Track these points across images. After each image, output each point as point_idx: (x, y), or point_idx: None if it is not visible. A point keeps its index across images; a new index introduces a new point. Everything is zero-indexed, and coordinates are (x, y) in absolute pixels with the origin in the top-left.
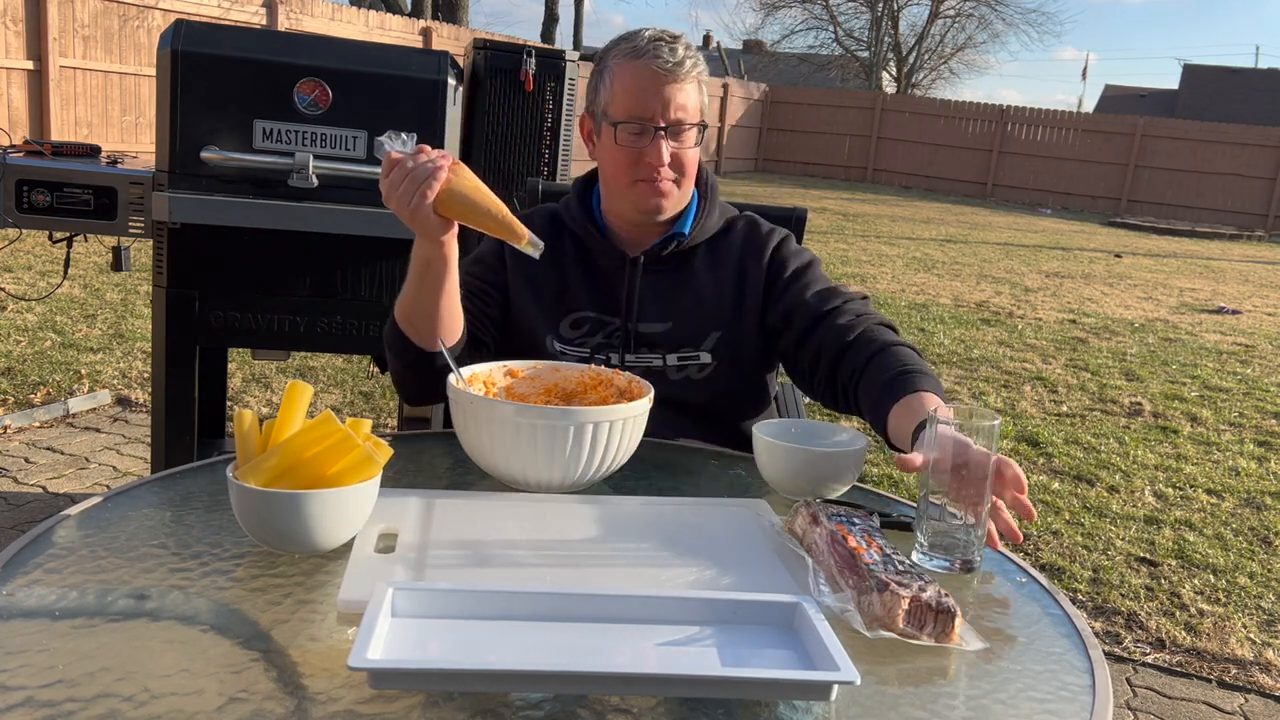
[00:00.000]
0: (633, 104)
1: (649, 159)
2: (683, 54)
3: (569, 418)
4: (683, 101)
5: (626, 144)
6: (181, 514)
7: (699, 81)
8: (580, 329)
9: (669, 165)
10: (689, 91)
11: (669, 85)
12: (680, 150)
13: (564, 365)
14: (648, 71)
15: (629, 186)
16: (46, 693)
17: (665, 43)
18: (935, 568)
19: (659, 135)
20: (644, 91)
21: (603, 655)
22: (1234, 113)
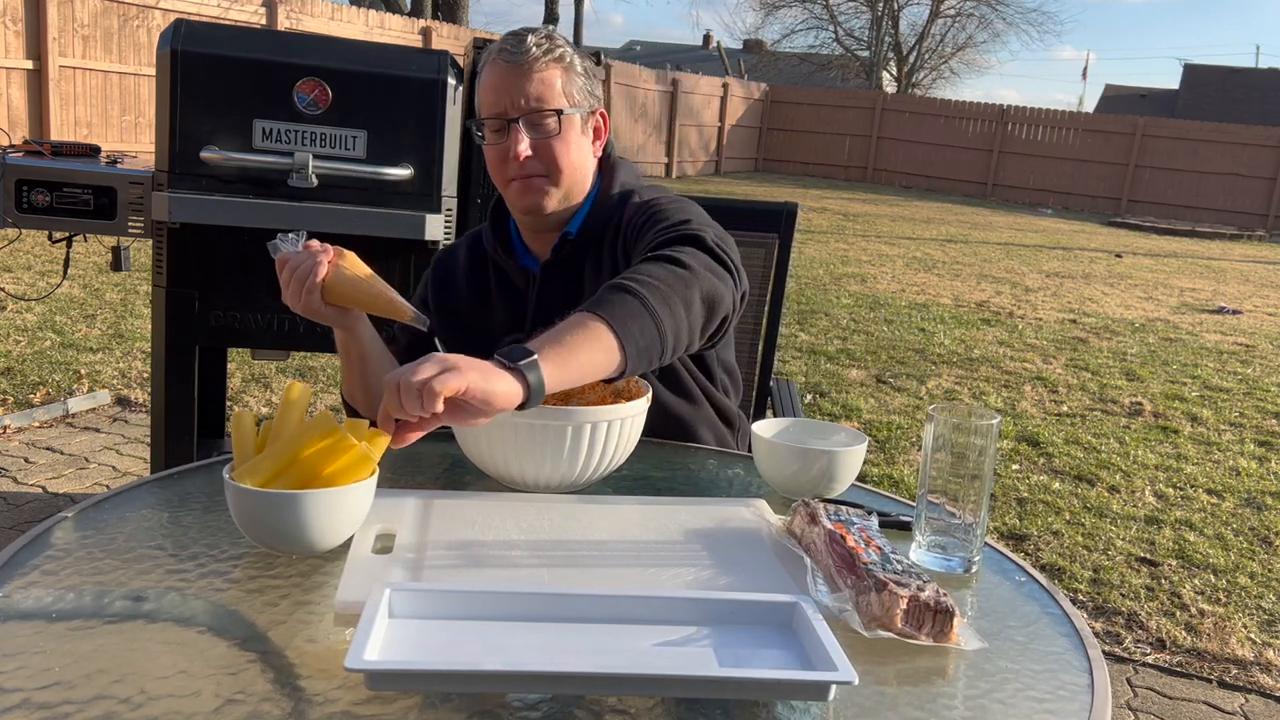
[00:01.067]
0: (489, 100)
1: (510, 152)
2: (531, 43)
3: (568, 418)
4: (535, 90)
5: (491, 141)
6: (179, 515)
7: (563, 68)
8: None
9: (534, 157)
10: (544, 79)
11: (516, 76)
12: (545, 142)
13: None
14: (497, 67)
15: (505, 186)
16: (43, 694)
17: (516, 36)
18: (934, 567)
19: (514, 127)
20: (497, 87)
21: (601, 656)
22: (1234, 113)
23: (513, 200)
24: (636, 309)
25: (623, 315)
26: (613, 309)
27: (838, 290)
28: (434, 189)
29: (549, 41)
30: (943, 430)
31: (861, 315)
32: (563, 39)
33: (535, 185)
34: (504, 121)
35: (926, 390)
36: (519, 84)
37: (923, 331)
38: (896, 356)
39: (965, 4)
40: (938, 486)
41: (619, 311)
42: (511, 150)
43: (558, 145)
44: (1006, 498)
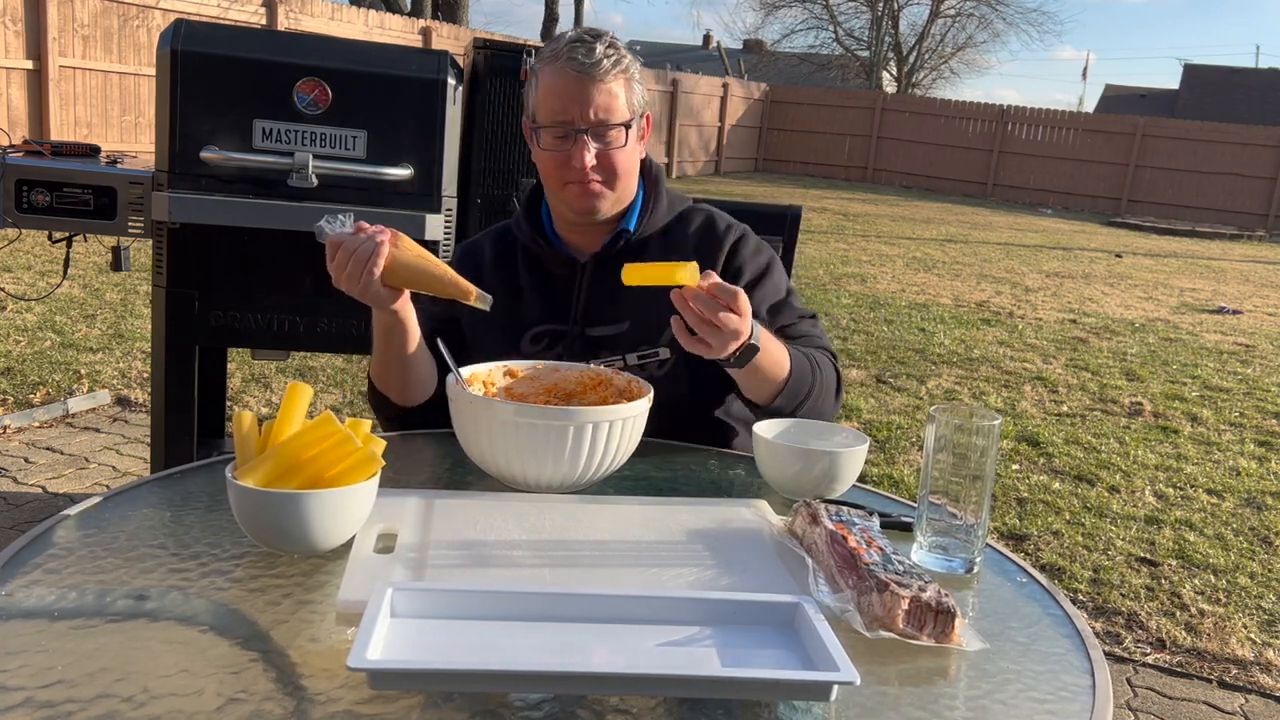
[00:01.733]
0: (554, 107)
1: (574, 161)
2: (600, 53)
3: (568, 418)
4: (604, 101)
5: (551, 148)
6: (181, 514)
7: (626, 78)
8: (539, 344)
9: (597, 166)
10: (611, 90)
11: (588, 86)
12: (607, 151)
13: (564, 365)
14: (565, 74)
15: (560, 189)
16: (46, 693)
17: (583, 43)
18: (935, 568)
19: (581, 137)
20: (563, 94)
21: (602, 655)
22: (1234, 113)
23: (568, 201)
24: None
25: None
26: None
27: (838, 290)
28: (434, 189)
29: (616, 52)
30: (944, 431)
31: (861, 315)
32: (624, 46)
33: (594, 190)
34: (570, 129)
35: (926, 390)
36: (588, 95)
37: (923, 331)
38: (896, 356)
39: (965, 4)
40: (939, 487)
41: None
42: (576, 160)
43: (620, 155)
44: (1006, 498)
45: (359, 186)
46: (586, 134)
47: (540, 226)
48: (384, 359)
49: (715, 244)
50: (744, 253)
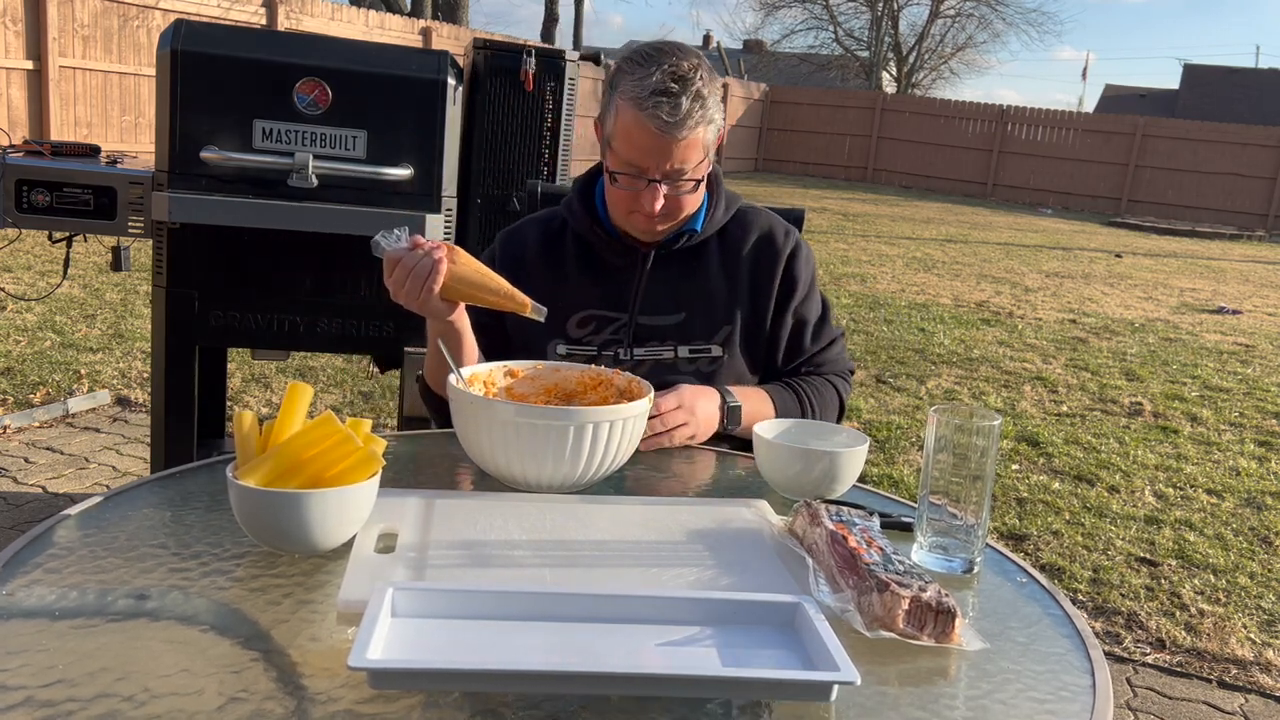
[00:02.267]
0: (630, 153)
1: (643, 205)
2: (686, 108)
3: (568, 418)
4: (681, 155)
5: (623, 185)
6: (181, 514)
7: (706, 124)
8: (587, 327)
9: (664, 209)
10: (690, 144)
11: (668, 144)
12: (677, 195)
13: (564, 365)
14: (647, 129)
15: (625, 217)
16: (46, 692)
17: (669, 97)
18: (935, 568)
19: (654, 186)
20: (641, 146)
21: (603, 655)
22: (1234, 113)
23: (632, 228)
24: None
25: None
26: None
27: (838, 290)
28: (434, 189)
29: (700, 104)
30: (944, 431)
31: (861, 315)
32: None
33: (658, 229)
34: (643, 177)
35: (926, 390)
36: (668, 151)
37: (922, 331)
38: (896, 356)
39: (965, 4)
40: (939, 487)
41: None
42: (646, 203)
43: (688, 198)
44: (1006, 498)
45: (359, 186)
46: (659, 183)
47: (597, 215)
48: (437, 362)
49: (775, 254)
50: (798, 264)
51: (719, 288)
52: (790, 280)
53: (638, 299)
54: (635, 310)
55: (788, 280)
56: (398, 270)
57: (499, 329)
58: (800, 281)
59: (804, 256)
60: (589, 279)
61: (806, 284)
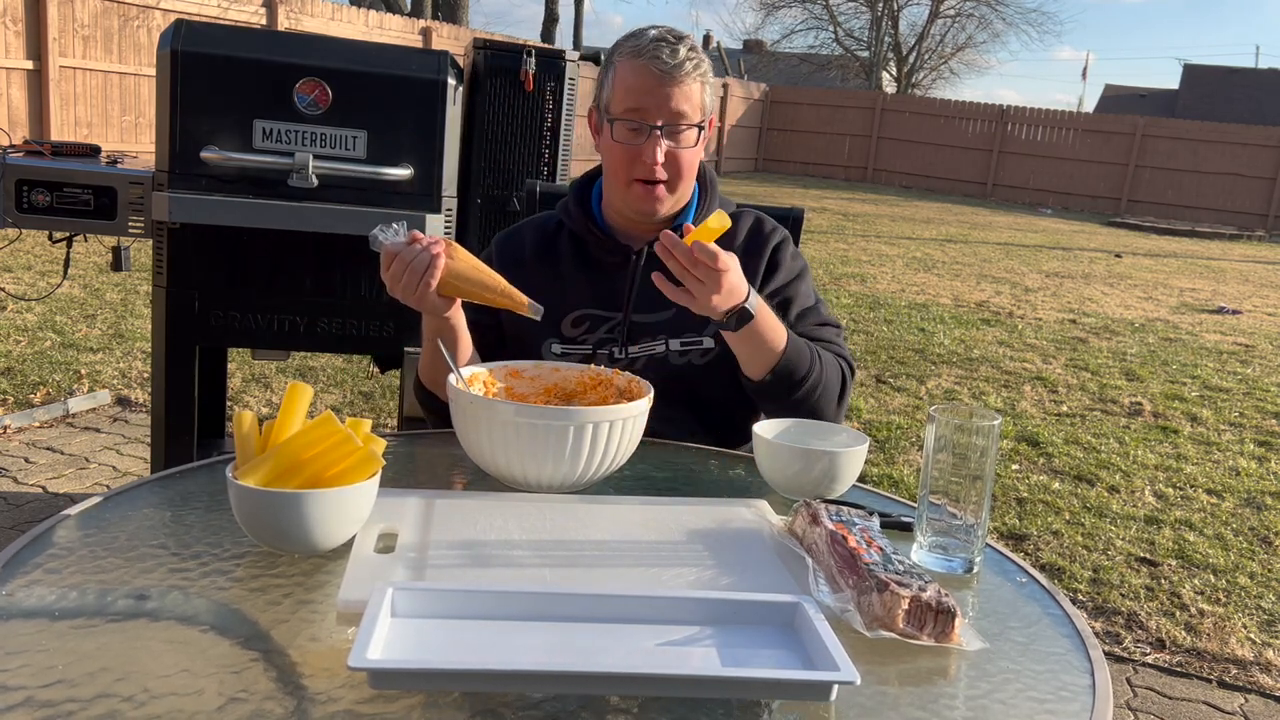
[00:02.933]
0: (631, 101)
1: (645, 157)
2: (684, 54)
3: (569, 418)
4: (680, 101)
5: (623, 140)
6: (181, 514)
7: (702, 82)
8: (581, 326)
9: (665, 164)
10: (688, 92)
11: (667, 85)
12: (677, 150)
13: (564, 365)
14: (647, 70)
15: (626, 186)
16: (46, 693)
17: (667, 43)
18: (935, 568)
19: (655, 133)
20: (642, 90)
21: (603, 655)
22: (1234, 113)
23: (630, 201)
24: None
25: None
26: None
27: (838, 290)
28: (434, 189)
29: (697, 55)
30: (944, 431)
31: (861, 315)
32: (696, 48)
33: (658, 193)
34: (643, 125)
35: (926, 390)
36: (667, 94)
37: (922, 331)
38: (896, 356)
39: (965, 4)
40: (939, 487)
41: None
42: (648, 155)
43: (687, 154)
44: (1006, 498)
45: (359, 186)
46: (660, 131)
47: (592, 215)
48: (433, 360)
49: (761, 244)
50: (783, 255)
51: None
52: (774, 264)
53: (631, 297)
54: (629, 308)
55: (772, 264)
56: (395, 265)
57: (495, 327)
58: (784, 267)
59: (791, 251)
60: (584, 278)
61: (792, 272)
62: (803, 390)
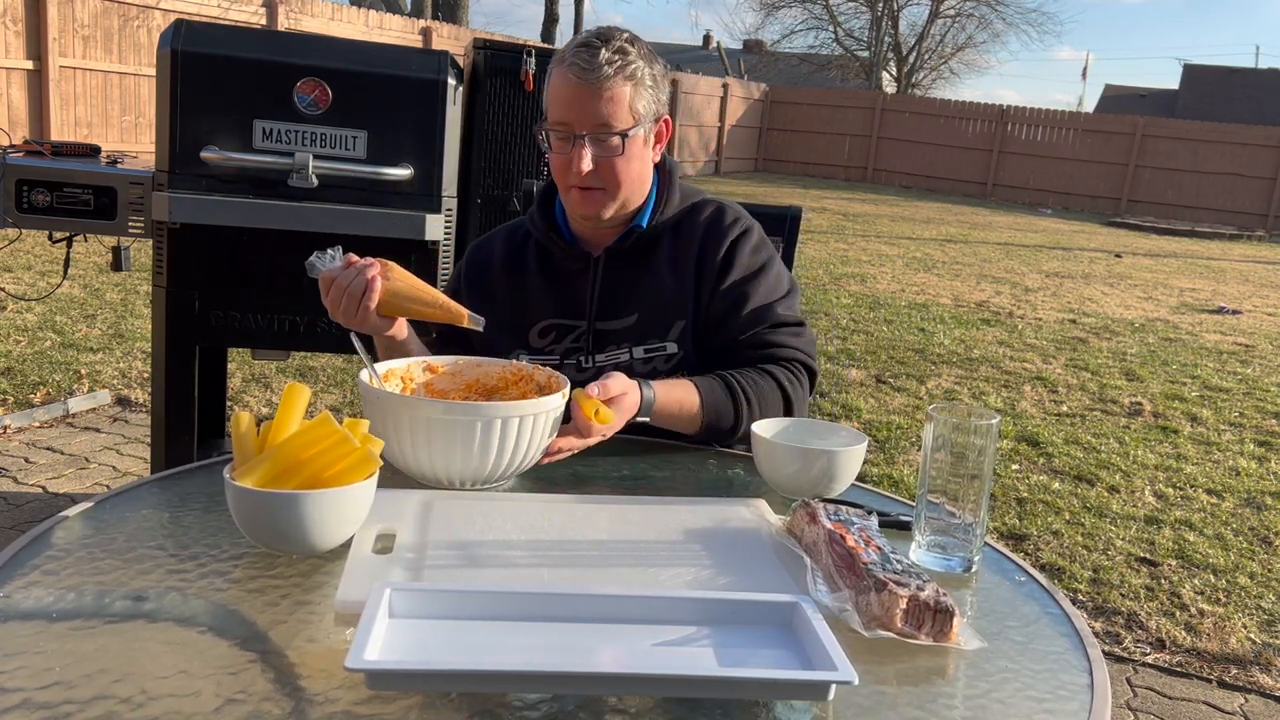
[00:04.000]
0: (557, 111)
1: (574, 165)
2: (605, 57)
3: (475, 413)
4: (602, 108)
5: (555, 149)
6: (180, 515)
7: (632, 83)
8: (548, 337)
9: (596, 172)
10: (612, 96)
11: (587, 91)
12: (604, 158)
13: (487, 361)
14: (567, 79)
15: (565, 193)
16: (44, 694)
17: (589, 47)
18: (933, 567)
19: (579, 142)
20: (565, 99)
21: (600, 655)
22: (1234, 113)
23: (572, 206)
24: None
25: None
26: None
27: (837, 290)
28: (434, 189)
29: (621, 57)
30: (942, 430)
31: (861, 315)
32: (635, 48)
33: (594, 198)
34: (569, 133)
35: (926, 390)
36: (587, 102)
37: (922, 331)
38: (896, 356)
39: (965, 4)
40: (938, 486)
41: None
42: (575, 164)
43: (619, 163)
44: (1006, 498)
45: (359, 187)
46: (584, 139)
47: (554, 222)
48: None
49: (719, 237)
50: (741, 250)
51: (669, 283)
52: (729, 260)
53: (594, 305)
54: (592, 316)
55: (726, 260)
56: (333, 290)
57: (462, 338)
58: (739, 263)
59: (750, 245)
60: (549, 287)
61: (749, 268)
62: (741, 431)
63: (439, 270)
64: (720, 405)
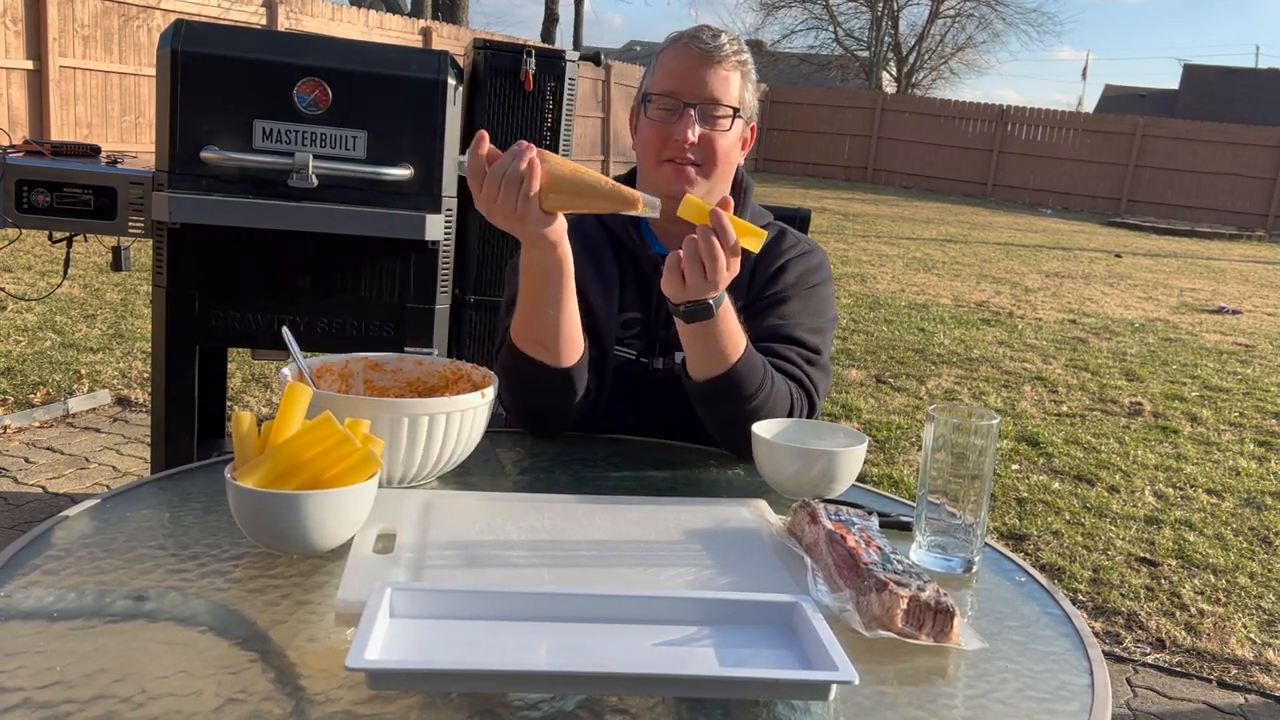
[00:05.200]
0: (667, 80)
1: (676, 135)
2: (724, 40)
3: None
4: (716, 83)
5: (656, 119)
6: (180, 515)
7: (742, 73)
8: (631, 329)
9: (698, 146)
10: (725, 76)
11: (704, 66)
12: (710, 133)
13: (429, 360)
14: (686, 51)
15: (655, 167)
16: (44, 694)
17: (709, 29)
18: (934, 567)
19: (688, 112)
20: (680, 70)
21: (601, 655)
22: (1234, 113)
23: (660, 182)
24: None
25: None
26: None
27: (838, 290)
28: (434, 189)
29: (739, 45)
30: (943, 430)
31: (861, 315)
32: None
33: (688, 174)
34: (678, 103)
35: (926, 390)
36: (704, 74)
37: (922, 331)
38: (896, 356)
39: (965, 4)
40: (938, 487)
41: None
42: (679, 133)
43: (721, 140)
44: (1006, 498)
45: (359, 186)
46: (694, 110)
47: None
48: (536, 310)
49: (775, 256)
50: (792, 269)
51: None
52: (779, 274)
53: (655, 302)
54: (663, 320)
55: (776, 273)
56: (487, 183)
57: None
58: (782, 279)
59: (802, 269)
60: (628, 279)
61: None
62: (742, 409)
63: (439, 270)
64: (754, 367)
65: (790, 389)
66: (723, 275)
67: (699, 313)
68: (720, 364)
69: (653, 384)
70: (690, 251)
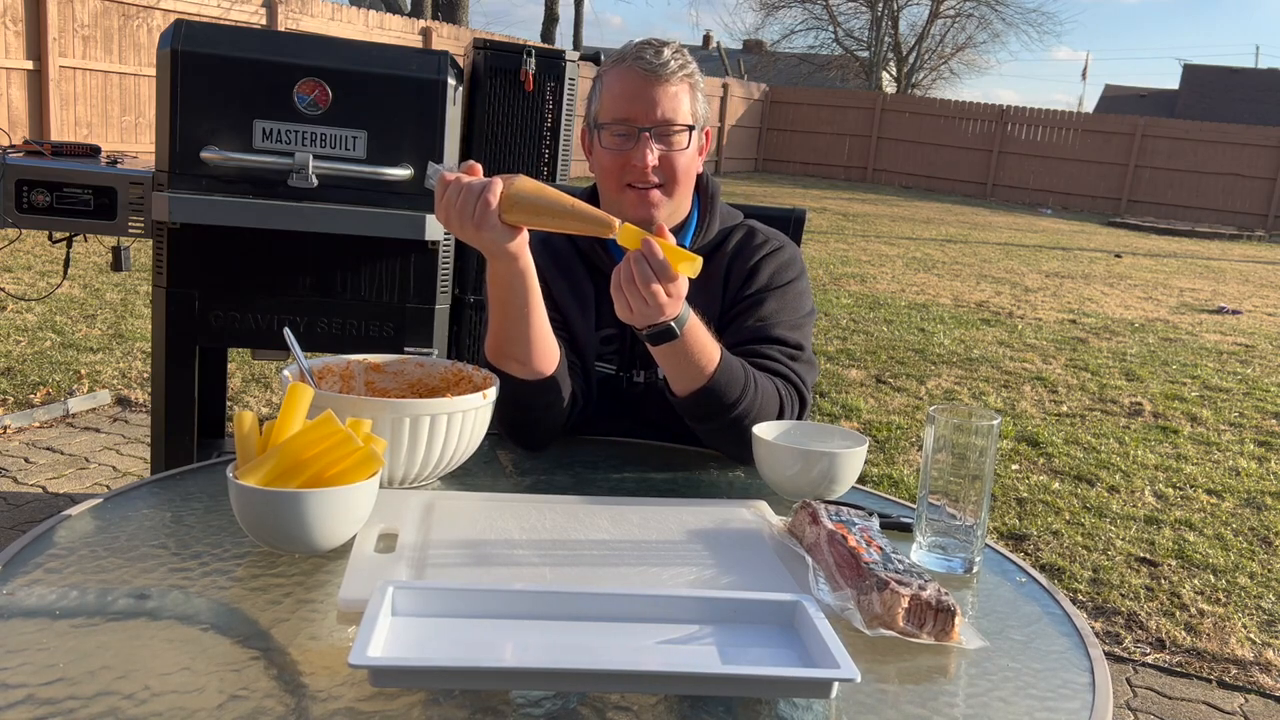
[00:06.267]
0: (618, 106)
1: (635, 161)
2: (668, 56)
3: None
4: (667, 103)
5: (613, 147)
6: (181, 514)
7: (690, 85)
8: (610, 345)
9: (658, 168)
10: (675, 93)
11: (653, 86)
12: (669, 154)
13: (429, 361)
14: (632, 73)
15: (618, 193)
16: (47, 690)
17: (651, 46)
18: (934, 568)
19: (644, 136)
20: (629, 94)
21: (603, 653)
22: (1234, 113)
23: (625, 208)
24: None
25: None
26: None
27: (837, 290)
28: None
29: (683, 57)
30: (943, 431)
31: (861, 315)
32: (684, 54)
33: (652, 198)
34: (632, 129)
35: (926, 390)
36: (653, 95)
37: (922, 331)
38: (896, 356)
39: (965, 4)
40: (938, 487)
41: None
42: (638, 159)
43: (680, 158)
44: (1006, 498)
45: (359, 186)
46: (650, 133)
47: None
48: (503, 324)
49: (747, 255)
50: (765, 266)
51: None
52: (753, 273)
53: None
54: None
55: (750, 273)
56: (450, 189)
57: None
58: (758, 277)
59: (777, 264)
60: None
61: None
62: (728, 417)
63: (439, 270)
64: (734, 376)
65: (778, 387)
66: (661, 300)
67: (661, 335)
68: (697, 378)
69: (634, 398)
70: (615, 281)
